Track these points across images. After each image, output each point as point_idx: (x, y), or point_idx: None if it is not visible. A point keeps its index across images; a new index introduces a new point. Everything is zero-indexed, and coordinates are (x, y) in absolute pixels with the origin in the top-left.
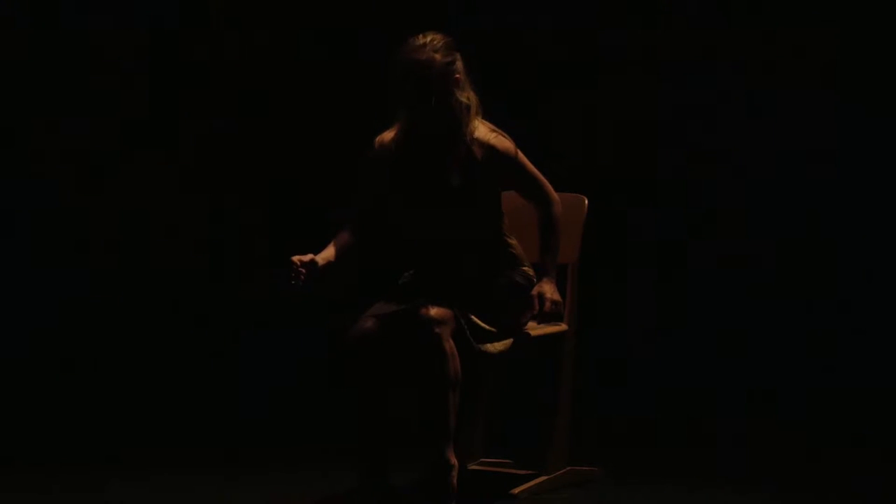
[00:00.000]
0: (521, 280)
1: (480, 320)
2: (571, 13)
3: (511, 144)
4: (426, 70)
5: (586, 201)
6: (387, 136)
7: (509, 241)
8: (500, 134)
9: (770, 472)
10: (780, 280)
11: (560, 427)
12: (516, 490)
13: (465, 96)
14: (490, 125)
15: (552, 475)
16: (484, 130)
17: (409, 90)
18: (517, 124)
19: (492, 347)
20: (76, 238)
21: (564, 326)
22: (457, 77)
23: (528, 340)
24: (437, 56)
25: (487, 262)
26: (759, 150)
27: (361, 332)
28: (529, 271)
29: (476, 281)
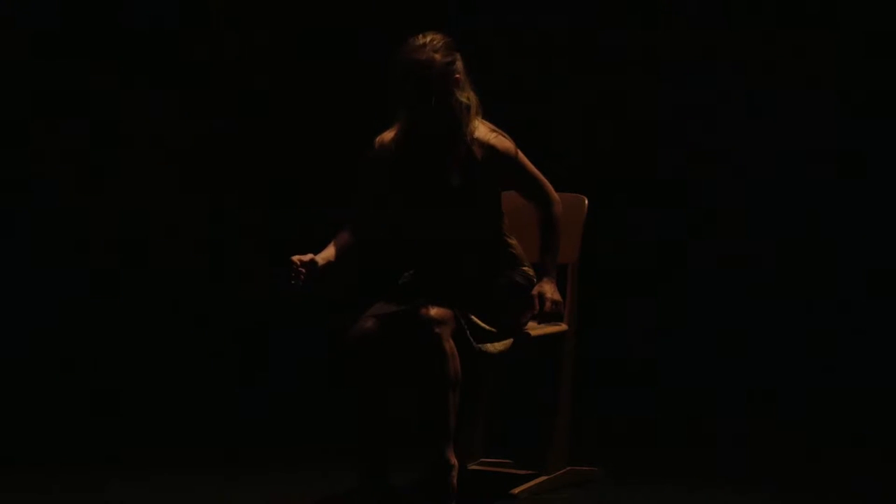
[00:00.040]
0: (521, 280)
1: (480, 320)
2: (571, 13)
3: (511, 144)
4: (426, 70)
5: (586, 201)
6: (387, 136)
7: (509, 241)
8: (500, 134)
9: (770, 472)
10: (780, 280)
11: (560, 427)
12: (516, 490)
13: (465, 96)
14: (490, 125)
15: (552, 475)
16: (484, 130)
17: (409, 90)
18: (517, 124)
19: (492, 347)
20: (76, 238)
21: (564, 326)
22: (457, 77)
23: (528, 340)
24: (437, 56)
25: (487, 262)
26: (759, 150)
27: (361, 332)
28: (529, 271)
29: (476, 281)
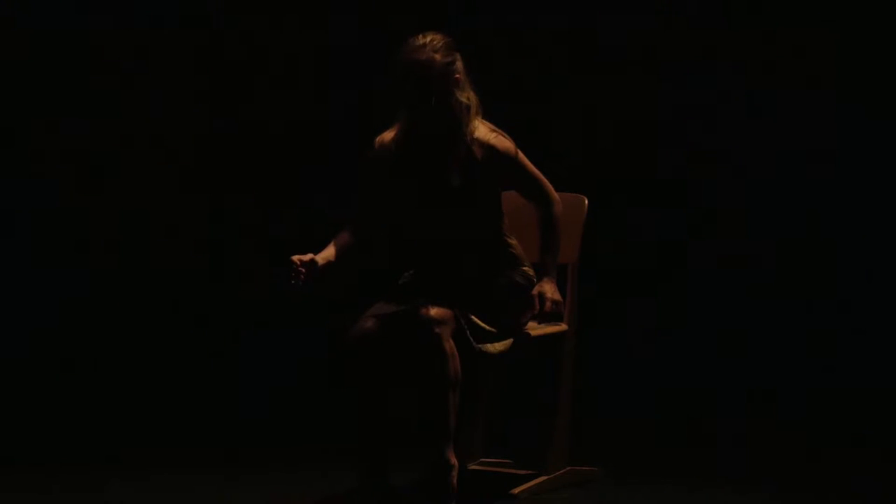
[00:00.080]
0: (522, 280)
1: (480, 320)
2: (571, 13)
3: (511, 144)
4: (426, 70)
5: (586, 201)
6: (387, 136)
7: (509, 241)
8: (501, 134)
9: (770, 472)
10: (780, 280)
11: (560, 427)
12: (516, 490)
13: (465, 96)
14: (490, 125)
15: (552, 475)
16: (484, 130)
17: (409, 90)
18: (517, 124)
19: (492, 347)
20: (76, 238)
21: (564, 326)
22: (457, 77)
23: (528, 340)
24: (437, 56)
25: (487, 262)
26: (760, 150)
27: (361, 332)
28: (529, 271)
29: (476, 281)
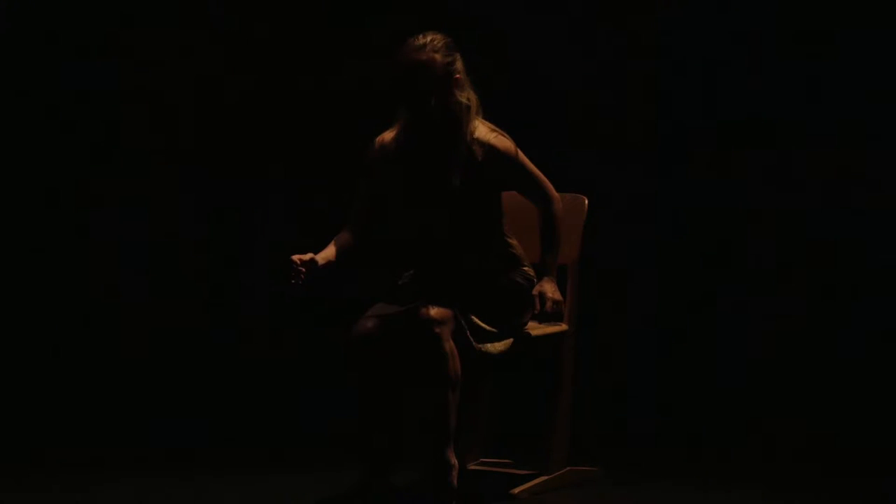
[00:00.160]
0: (522, 280)
1: (480, 320)
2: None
3: (511, 144)
4: (426, 70)
5: (586, 201)
6: (387, 136)
7: (509, 241)
8: (501, 134)
9: (768, 473)
10: (780, 279)
11: (560, 427)
12: (516, 490)
13: (465, 96)
14: (490, 125)
15: (552, 475)
16: (484, 130)
17: (409, 90)
18: (517, 124)
19: (492, 347)
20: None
21: (564, 326)
22: (457, 77)
23: (528, 340)
24: (437, 56)
25: (487, 262)
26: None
27: (362, 332)
28: (530, 271)
29: (476, 281)
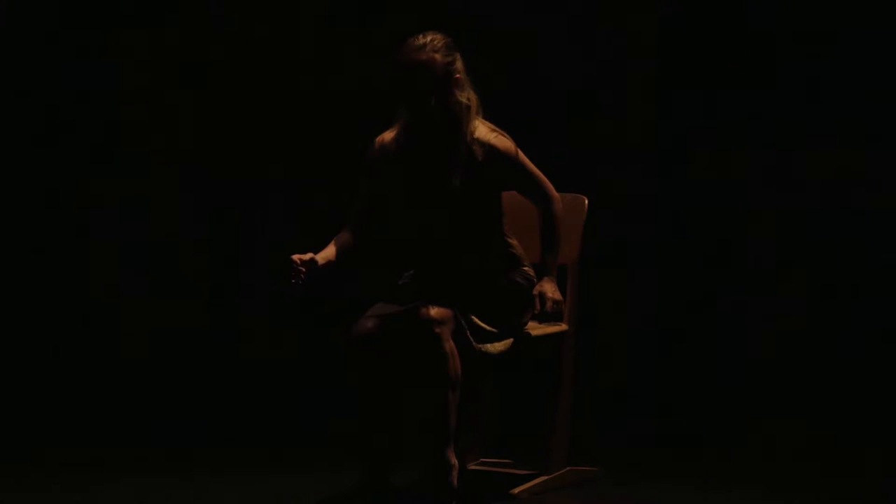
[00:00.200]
0: (522, 280)
1: (480, 320)
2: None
3: (511, 144)
4: (426, 70)
5: (586, 201)
6: (387, 136)
7: (509, 241)
8: (501, 133)
9: (768, 473)
10: (780, 279)
11: (560, 427)
12: (516, 490)
13: (465, 96)
14: (490, 125)
15: (552, 475)
16: (484, 130)
17: (409, 90)
18: (517, 124)
19: (492, 347)
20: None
21: (564, 326)
22: (457, 77)
23: (528, 340)
24: (437, 56)
25: (487, 262)
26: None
27: (362, 332)
28: (530, 271)
29: (476, 281)
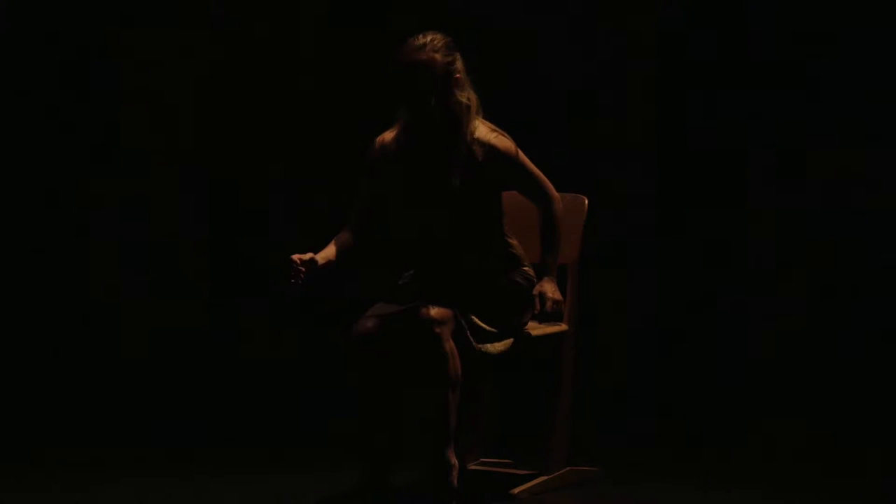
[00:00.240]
0: (522, 280)
1: (480, 320)
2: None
3: (511, 144)
4: (426, 70)
5: (586, 201)
6: (387, 136)
7: (509, 241)
8: (501, 133)
9: (768, 473)
10: (780, 279)
11: (560, 427)
12: (516, 490)
13: (465, 96)
14: (490, 125)
15: (552, 475)
16: (484, 130)
17: (409, 90)
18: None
19: (492, 347)
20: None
21: (564, 326)
22: (457, 77)
23: (528, 340)
24: (437, 56)
25: (487, 262)
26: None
27: (362, 332)
28: (530, 271)
29: (476, 281)
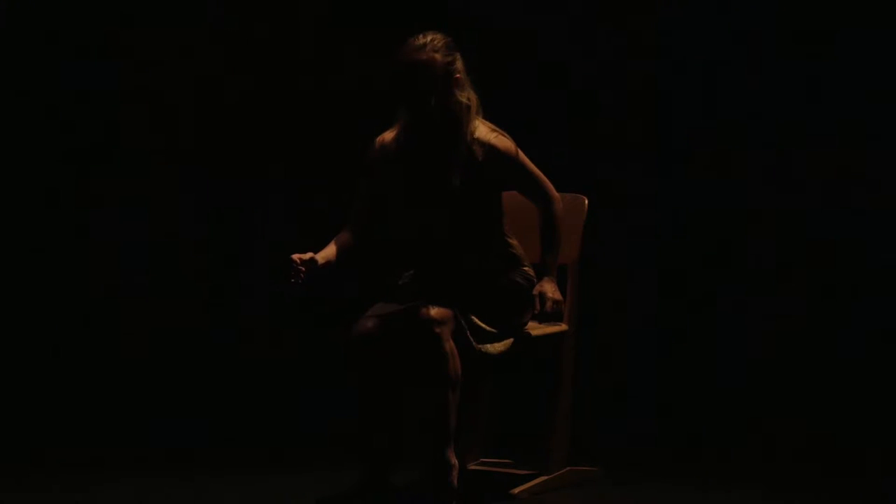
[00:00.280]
0: (522, 280)
1: (480, 320)
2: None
3: (511, 144)
4: (426, 70)
5: (586, 201)
6: (387, 136)
7: (509, 241)
8: (501, 133)
9: (768, 473)
10: (780, 279)
11: (560, 427)
12: (516, 490)
13: (465, 96)
14: (490, 125)
15: (552, 475)
16: (484, 130)
17: (410, 90)
18: (517, 124)
19: (492, 347)
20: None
21: (564, 326)
22: (457, 77)
23: (528, 340)
24: (437, 56)
25: (487, 262)
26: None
27: (362, 332)
28: (530, 271)
29: (476, 281)
